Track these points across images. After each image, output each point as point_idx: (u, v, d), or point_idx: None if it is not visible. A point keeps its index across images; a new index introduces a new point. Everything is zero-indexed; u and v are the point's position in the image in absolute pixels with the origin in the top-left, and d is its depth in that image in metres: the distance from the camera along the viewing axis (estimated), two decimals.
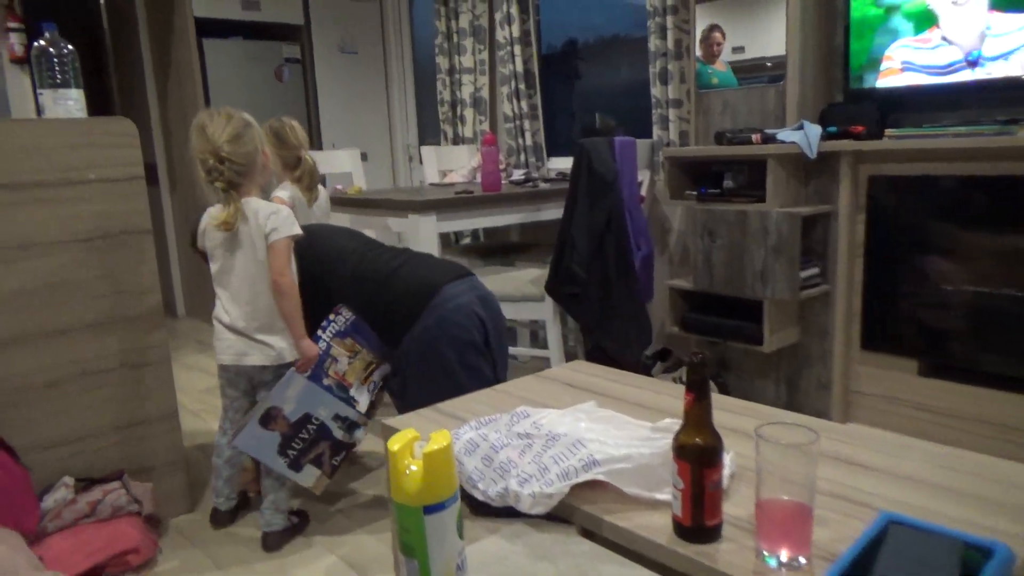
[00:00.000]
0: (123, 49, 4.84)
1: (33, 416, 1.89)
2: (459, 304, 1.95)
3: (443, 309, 1.94)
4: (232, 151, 1.84)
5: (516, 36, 3.74)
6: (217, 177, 1.83)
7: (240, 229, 1.87)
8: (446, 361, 1.93)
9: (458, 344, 1.93)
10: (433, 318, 1.93)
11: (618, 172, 2.58)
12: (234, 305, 1.91)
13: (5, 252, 1.81)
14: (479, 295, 2.02)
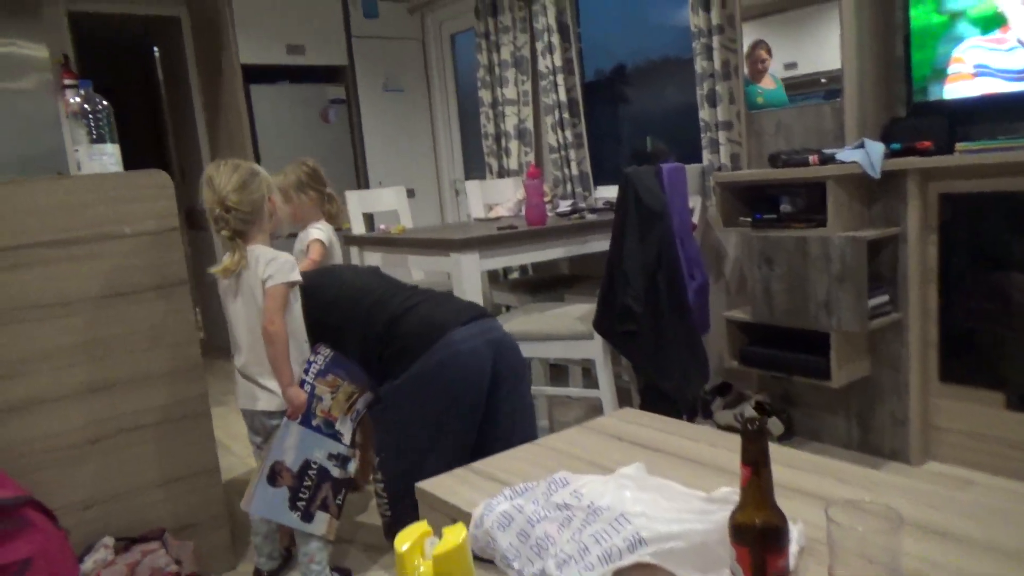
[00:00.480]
0: (177, 99, 4.97)
1: (74, 475, 1.86)
2: (461, 350, 1.91)
3: (444, 353, 1.90)
4: (238, 200, 1.86)
5: (558, 65, 3.68)
6: (223, 226, 1.85)
7: (243, 276, 1.88)
8: (430, 410, 1.92)
9: (450, 393, 1.91)
10: (433, 361, 1.90)
11: (667, 201, 2.46)
12: (241, 351, 1.93)
13: (44, 310, 1.81)
14: (490, 339, 1.97)
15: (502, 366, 1.98)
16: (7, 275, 1.76)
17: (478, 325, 1.99)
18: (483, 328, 1.99)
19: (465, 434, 1.96)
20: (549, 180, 3.95)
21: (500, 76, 4.05)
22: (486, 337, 1.97)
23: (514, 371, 2.02)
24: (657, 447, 1.39)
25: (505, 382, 1.99)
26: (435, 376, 1.90)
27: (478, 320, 2.01)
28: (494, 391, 1.98)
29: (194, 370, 2.02)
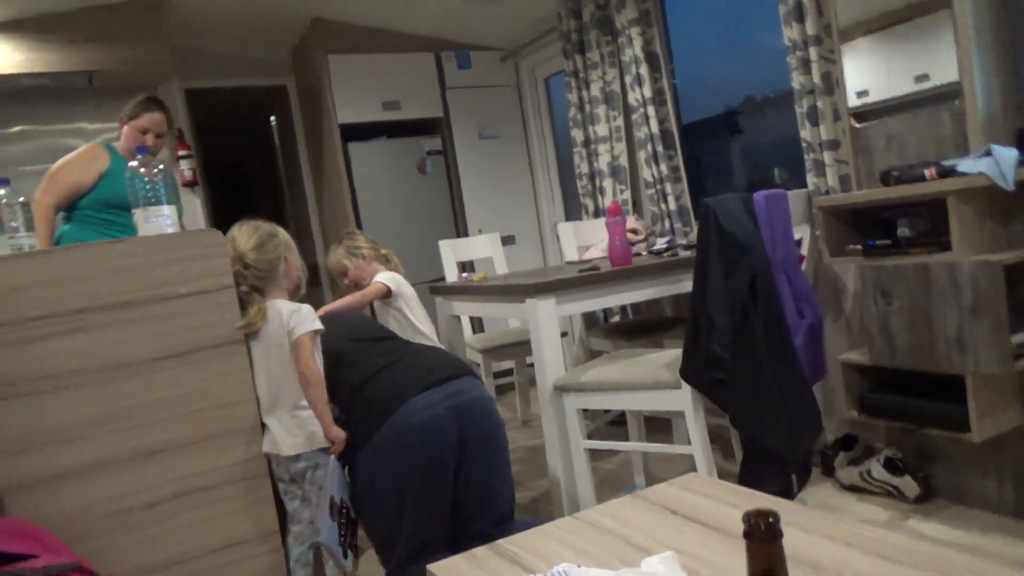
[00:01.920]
0: (290, 164, 5.19)
1: (130, 542, 1.84)
2: (418, 420, 1.88)
3: (401, 424, 1.88)
4: (255, 258, 2.00)
5: (648, 96, 3.49)
6: (242, 281, 1.98)
7: (262, 329, 1.98)
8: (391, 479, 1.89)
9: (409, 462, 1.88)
10: (390, 431, 1.88)
11: (756, 230, 2.20)
12: (265, 398, 2.00)
13: (101, 374, 1.81)
14: (453, 404, 1.93)
15: (468, 430, 1.94)
16: (66, 340, 1.78)
17: (442, 390, 1.96)
18: (448, 392, 1.96)
19: (434, 500, 1.93)
20: (647, 216, 3.74)
21: (591, 114, 3.91)
22: (448, 403, 1.93)
23: (480, 434, 1.97)
24: (717, 524, 1.15)
25: (471, 445, 1.95)
26: (393, 446, 1.88)
27: (445, 383, 1.97)
28: (462, 455, 1.95)
29: (251, 430, 1.97)
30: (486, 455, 2.00)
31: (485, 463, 2.01)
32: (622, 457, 3.13)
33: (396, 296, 2.67)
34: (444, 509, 1.98)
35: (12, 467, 1.72)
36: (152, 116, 2.78)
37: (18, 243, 1.92)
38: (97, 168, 2.73)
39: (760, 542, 0.59)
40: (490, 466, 2.02)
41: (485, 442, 2.01)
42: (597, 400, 2.32)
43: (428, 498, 1.94)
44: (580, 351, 3.57)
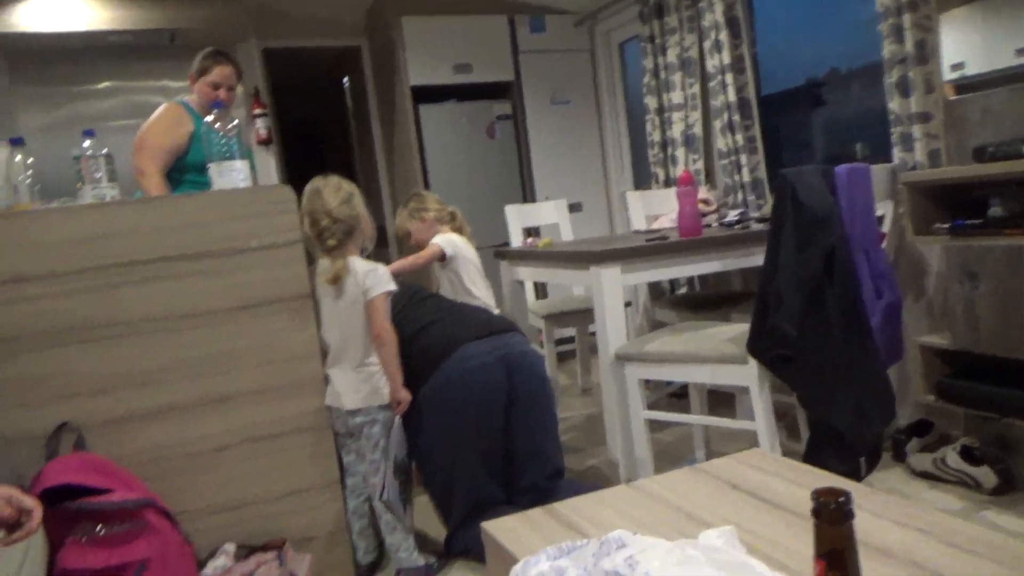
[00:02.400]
0: (361, 126, 5.24)
1: (201, 482, 1.91)
2: (470, 366, 2.01)
3: (453, 371, 2.01)
4: (344, 214, 2.03)
5: (727, 63, 3.37)
6: (329, 236, 2.01)
7: (344, 283, 2.01)
8: (444, 427, 2.02)
9: (461, 409, 1.99)
10: (443, 379, 2.02)
11: (837, 205, 2.10)
12: (332, 351, 2.05)
13: (174, 321, 1.88)
14: (502, 355, 2.05)
15: (517, 382, 2.05)
16: (145, 288, 1.84)
17: (492, 341, 2.08)
18: (497, 345, 2.07)
19: (486, 448, 2.04)
20: (719, 188, 3.64)
21: (666, 80, 3.81)
22: (499, 354, 2.05)
23: (529, 387, 2.08)
24: (779, 502, 1.12)
25: (520, 398, 2.04)
26: (445, 393, 2.01)
27: (493, 336, 2.10)
28: (511, 407, 2.05)
29: (315, 383, 2.02)
30: (535, 408, 2.09)
31: (535, 416, 2.09)
32: (682, 430, 3.09)
33: (451, 259, 2.67)
34: (496, 460, 2.08)
35: (92, 406, 1.80)
36: (222, 70, 2.73)
37: (101, 193, 1.99)
38: (184, 130, 2.71)
39: (829, 522, 0.56)
40: (539, 419, 2.11)
41: (534, 396, 2.10)
42: (659, 371, 2.28)
43: (481, 445, 2.04)
44: (644, 322, 3.52)
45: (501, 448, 2.06)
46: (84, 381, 1.80)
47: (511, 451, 2.08)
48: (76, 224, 1.79)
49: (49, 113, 3.89)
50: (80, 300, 1.79)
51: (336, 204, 2.01)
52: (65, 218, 1.78)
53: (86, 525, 1.61)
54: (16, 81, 3.83)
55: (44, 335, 1.76)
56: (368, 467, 2.04)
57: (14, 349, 1.74)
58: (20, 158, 1.94)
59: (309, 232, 2.01)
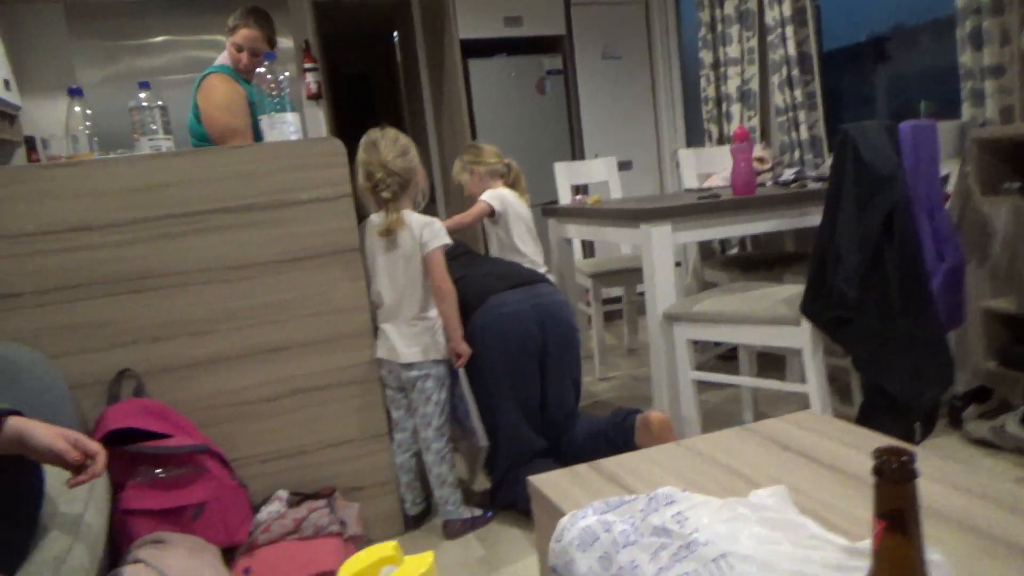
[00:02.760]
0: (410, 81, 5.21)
1: (254, 430, 1.97)
2: (504, 313, 2.06)
3: (488, 316, 2.06)
4: (400, 166, 2.02)
5: (787, 15, 3.24)
6: (384, 188, 2.00)
7: (398, 236, 2.01)
8: (482, 370, 2.07)
9: (496, 350, 2.04)
10: (478, 324, 2.06)
11: (899, 163, 2.02)
12: (384, 304, 2.06)
13: (226, 272, 1.91)
14: (535, 304, 2.10)
15: (550, 329, 2.09)
16: (196, 238, 1.88)
17: (525, 290, 2.12)
18: (531, 294, 2.12)
19: (524, 394, 2.09)
20: (776, 145, 3.53)
21: (722, 34, 3.68)
22: (532, 302, 2.10)
23: (561, 336, 2.12)
24: (832, 463, 1.10)
25: (553, 345, 2.09)
26: (481, 337, 2.05)
27: (527, 286, 2.14)
28: (545, 354, 2.10)
29: (363, 336, 2.04)
30: (567, 356, 2.14)
31: (566, 363, 2.15)
32: (730, 392, 3.05)
33: (500, 215, 2.65)
34: (535, 408, 2.13)
35: (150, 353, 1.86)
36: (247, 32, 2.57)
37: (156, 144, 2.02)
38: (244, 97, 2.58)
39: (892, 481, 0.54)
40: (569, 367, 2.16)
41: (567, 343, 2.14)
42: (709, 332, 2.25)
43: (518, 391, 2.08)
44: (693, 282, 3.47)
45: (539, 393, 2.11)
46: (142, 329, 1.85)
47: (544, 399, 2.14)
48: (134, 174, 1.82)
49: (106, 66, 3.96)
50: (138, 249, 1.83)
51: (392, 156, 2.00)
52: (124, 168, 1.81)
53: (146, 468, 1.67)
54: (75, 35, 3.90)
55: (105, 283, 1.81)
56: (419, 421, 2.07)
57: (78, 295, 1.79)
58: (79, 109, 1.97)
59: (364, 184, 2.02)
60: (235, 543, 1.79)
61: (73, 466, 1.16)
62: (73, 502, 1.27)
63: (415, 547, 2.04)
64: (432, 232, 2.01)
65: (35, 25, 3.86)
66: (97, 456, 1.18)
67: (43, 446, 1.12)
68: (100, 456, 1.18)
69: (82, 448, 1.17)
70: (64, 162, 1.82)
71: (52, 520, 1.20)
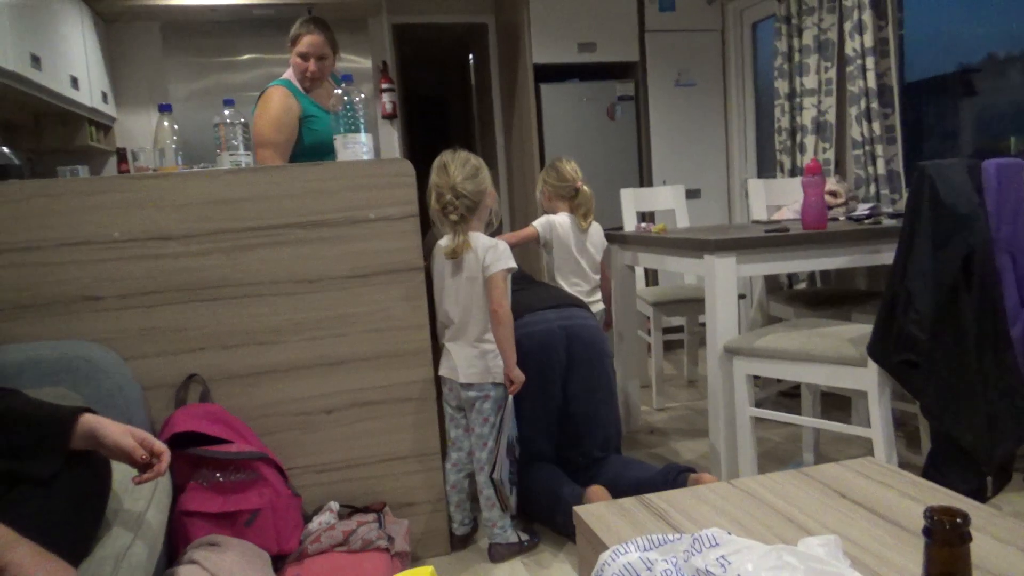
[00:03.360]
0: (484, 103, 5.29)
1: (311, 440, 2.01)
2: (534, 331, 2.19)
3: (521, 331, 2.16)
4: (469, 189, 2.05)
5: (869, 47, 3.16)
6: (452, 211, 2.04)
7: (464, 258, 2.05)
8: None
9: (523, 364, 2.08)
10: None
11: (981, 203, 1.94)
12: (451, 325, 2.11)
13: (296, 285, 1.97)
14: (564, 324, 2.22)
15: (576, 349, 2.21)
16: (269, 251, 1.95)
17: (558, 312, 2.25)
18: (562, 315, 2.25)
19: (544, 404, 2.21)
20: (851, 179, 3.44)
21: (800, 64, 3.62)
22: (561, 323, 2.22)
23: (587, 356, 2.23)
24: (890, 515, 1.06)
25: (578, 364, 2.22)
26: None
27: (560, 308, 2.27)
28: (569, 372, 2.22)
29: (423, 354, 2.07)
30: (591, 376, 2.23)
31: (590, 384, 2.24)
32: (790, 431, 2.97)
33: (545, 242, 2.69)
34: (552, 419, 2.25)
35: (218, 360, 1.93)
36: (311, 39, 2.58)
37: (237, 159, 2.11)
38: (294, 115, 2.62)
39: (943, 544, 0.52)
40: (595, 388, 2.25)
41: (591, 363, 2.23)
42: (770, 368, 2.20)
43: (539, 401, 2.20)
44: (758, 316, 3.40)
45: (557, 409, 2.24)
46: (213, 336, 1.92)
47: (568, 415, 2.25)
48: (215, 188, 1.90)
49: (195, 82, 4.16)
50: (214, 259, 1.91)
51: (461, 179, 2.03)
52: (205, 182, 1.90)
53: (207, 472, 1.73)
54: (169, 52, 4.12)
55: (181, 290, 1.90)
56: (475, 441, 2.09)
57: (155, 301, 1.88)
58: (168, 124, 2.08)
59: (434, 206, 2.06)
60: (285, 551, 1.83)
61: (139, 464, 1.21)
62: (137, 500, 1.33)
63: (460, 569, 2.05)
64: (495, 255, 2.03)
65: (133, 42, 4.09)
66: (162, 455, 1.23)
67: (112, 443, 1.17)
68: (165, 455, 1.23)
69: (148, 447, 1.22)
70: (151, 174, 1.92)
71: (116, 516, 1.26)
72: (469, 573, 2.02)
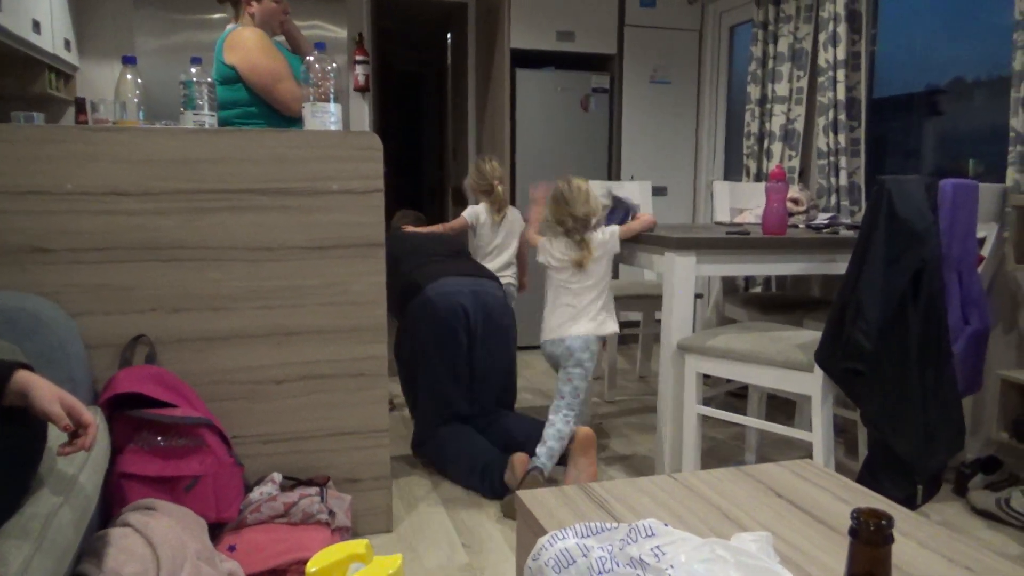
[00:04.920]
0: (459, 84, 5.25)
1: (259, 409, 1.99)
2: (445, 291, 2.48)
3: (432, 292, 2.48)
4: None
5: (841, 59, 3.22)
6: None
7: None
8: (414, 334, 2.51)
9: (428, 319, 2.45)
10: (424, 297, 2.48)
11: (935, 220, 1.99)
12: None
13: (254, 252, 1.94)
14: (476, 291, 2.51)
15: (482, 315, 2.49)
16: (228, 215, 1.91)
17: (471, 281, 2.54)
18: (475, 284, 2.54)
19: (450, 363, 2.48)
20: (814, 189, 3.50)
21: (773, 70, 3.66)
22: (472, 289, 2.50)
23: (493, 323, 2.51)
24: (822, 516, 1.09)
25: (483, 328, 2.49)
26: (423, 308, 2.47)
27: (476, 278, 2.57)
28: (473, 335, 2.49)
29: (378, 331, 2.06)
30: (494, 341, 2.53)
31: (492, 347, 2.53)
32: (735, 431, 3.03)
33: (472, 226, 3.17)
34: (462, 378, 2.51)
35: (168, 322, 1.89)
36: None
37: (201, 120, 2.06)
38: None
39: (866, 544, 0.54)
40: (495, 352, 2.54)
41: (496, 331, 2.53)
42: (720, 367, 2.23)
43: (446, 359, 2.47)
44: (713, 316, 3.45)
45: (465, 368, 2.51)
46: (164, 298, 1.88)
47: (471, 372, 2.52)
48: (175, 146, 1.86)
49: (165, 37, 4.04)
50: (171, 219, 1.87)
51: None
52: (166, 139, 1.85)
53: (148, 435, 1.70)
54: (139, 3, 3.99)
55: (134, 248, 1.85)
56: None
57: (107, 258, 1.83)
58: (131, 77, 2.02)
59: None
60: (224, 520, 1.81)
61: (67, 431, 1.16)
62: (72, 459, 1.30)
63: (400, 547, 2.05)
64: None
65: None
66: (89, 428, 1.18)
67: (39, 407, 1.12)
68: (91, 429, 1.18)
69: (75, 417, 1.16)
70: (109, 127, 1.86)
71: (50, 474, 1.23)
72: (407, 550, 2.02)
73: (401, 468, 2.62)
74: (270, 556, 1.80)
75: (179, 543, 1.53)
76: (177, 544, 1.52)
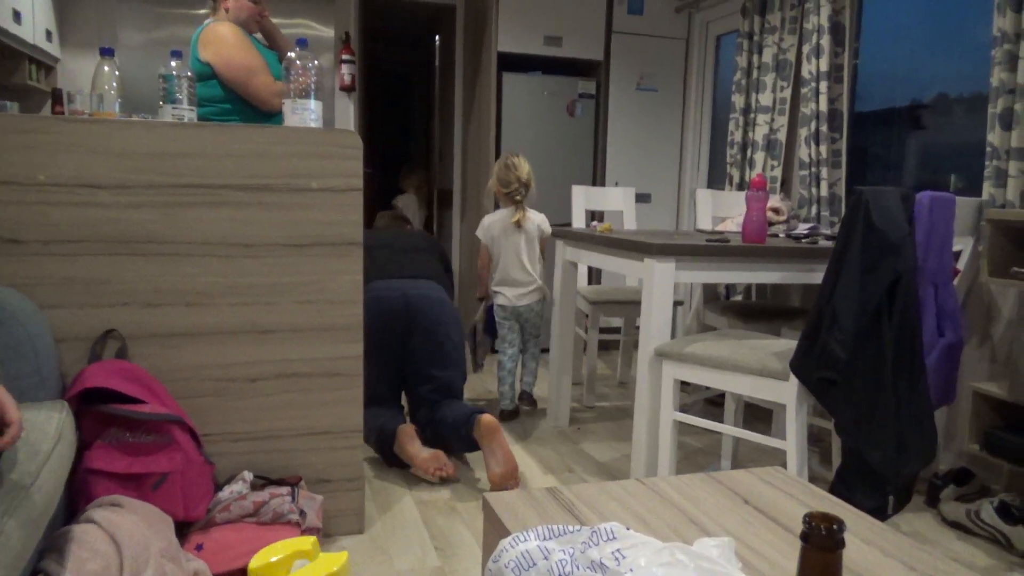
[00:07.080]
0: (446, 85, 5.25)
1: (231, 407, 1.97)
2: (377, 296, 2.62)
3: (373, 293, 2.61)
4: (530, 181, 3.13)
5: (824, 70, 3.24)
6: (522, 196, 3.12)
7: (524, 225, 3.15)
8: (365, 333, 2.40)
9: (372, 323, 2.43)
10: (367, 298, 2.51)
11: (911, 232, 2.01)
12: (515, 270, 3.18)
13: (230, 248, 1.92)
14: (409, 292, 2.67)
15: (416, 315, 2.65)
16: (205, 211, 1.89)
17: (408, 282, 2.71)
18: (411, 285, 2.70)
19: (386, 358, 2.66)
20: (795, 199, 3.52)
21: (757, 80, 3.69)
22: (408, 291, 2.67)
23: (427, 321, 2.66)
24: (788, 524, 1.09)
25: (418, 328, 2.66)
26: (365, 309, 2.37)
27: (413, 279, 2.74)
28: (409, 334, 2.66)
29: (354, 330, 2.04)
30: (430, 339, 2.67)
31: (429, 345, 2.67)
32: (712, 438, 3.04)
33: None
34: (393, 371, 2.70)
35: (140, 317, 1.87)
36: None
37: (180, 113, 2.04)
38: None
39: (816, 548, 0.54)
40: (433, 349, 2.68)
41: (426, 331, 2.67)
42: (697, 374, 2.24)
43: (382, 355, 2.62)
44: (693, 324, 3.46)
45: (398, 363, 2.69)
46: (136, 292, 1.86)
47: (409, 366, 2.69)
48: (152, 139, 1.83)
49: (148, 31, 4.01)
50: (145, 213, 1.84)
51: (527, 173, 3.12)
52: (142, 132, 1.83)
53: (116, 431, 1.68)
54: None
55: (108, 241, 1.82)
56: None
57: (79, 251, 1.81)
58: (108, 69, 2.00)
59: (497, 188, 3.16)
60: (192, 518, 1.79)
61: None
62: (35, 454, 1.28)
63: (372, 550, 2.03)
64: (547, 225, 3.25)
65: None
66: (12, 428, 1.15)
67: None
68: (12, 430, 1.15)
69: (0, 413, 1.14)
70: (85, 118, 1.84)
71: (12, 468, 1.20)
72: (379, 552, 2.01)
73: (376, 470, 2.60)
74: (238, 555, 1.78)
75: (144, 541, 1.51)
76: (141, 542, 1.50)
